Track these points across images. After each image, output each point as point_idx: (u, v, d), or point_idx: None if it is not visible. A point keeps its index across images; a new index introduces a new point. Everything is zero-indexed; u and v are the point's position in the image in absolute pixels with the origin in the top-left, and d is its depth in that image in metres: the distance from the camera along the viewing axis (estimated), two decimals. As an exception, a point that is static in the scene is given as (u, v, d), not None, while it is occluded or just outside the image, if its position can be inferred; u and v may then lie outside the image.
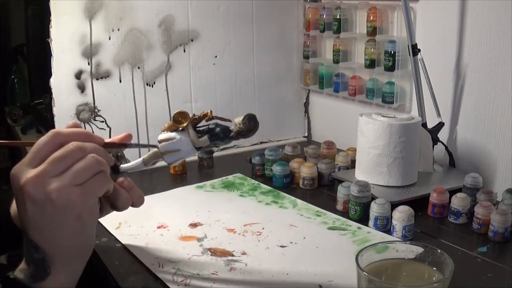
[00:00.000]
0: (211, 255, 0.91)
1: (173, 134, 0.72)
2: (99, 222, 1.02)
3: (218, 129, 0.72)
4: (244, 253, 0.92)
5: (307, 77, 1.64)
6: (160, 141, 0.73)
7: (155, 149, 0.73)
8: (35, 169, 0.59)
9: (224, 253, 0.92)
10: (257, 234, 1.00)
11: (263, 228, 1.02)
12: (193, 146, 0.72)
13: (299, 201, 1.14)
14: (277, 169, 1.24)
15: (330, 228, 1.02)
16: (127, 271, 0.87)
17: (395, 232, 0.97)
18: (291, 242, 0.96)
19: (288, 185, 1.24)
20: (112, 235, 1.00)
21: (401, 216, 0.96)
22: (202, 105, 1.51)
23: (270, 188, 1.23)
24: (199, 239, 0.98)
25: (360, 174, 1.17)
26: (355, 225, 1.02)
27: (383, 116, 1.14)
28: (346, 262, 0.87)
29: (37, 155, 0.60)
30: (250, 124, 0.73)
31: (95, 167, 0.61)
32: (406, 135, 1.11)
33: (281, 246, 0.95)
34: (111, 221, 1.05)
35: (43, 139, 0.61)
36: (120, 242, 0.97)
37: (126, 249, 0.95)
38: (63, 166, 0.59)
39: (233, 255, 0.91)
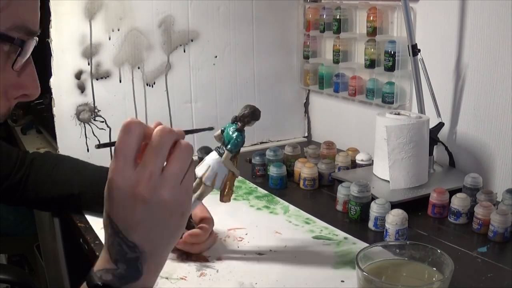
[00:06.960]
0: (186, 258, 0.91)
1: (205, 162, 0.81)
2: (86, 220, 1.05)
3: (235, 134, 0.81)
4: (219, 259, 0.91)
5: (307, 77, 1.64)
6: (200, 177, 0.80)
7: (202, 186, 0.80)
8: (140, 171, 0.57)
9: (199, 258, 0.91)
10: (239, 240, 0.98)
11: (246, 234, 1.00)
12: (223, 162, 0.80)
13: (291, 207, 1.12)
14: (273, 170, 1.24)
15: (316, 237, 0.99)
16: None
17: (388, 236, 0.95)
18: (270, 250, 0.94)
19: (284, 187, 1.24)
20: (96, 234, 1.00)
21: (394, 219, 0.94)
22: (202, 105, 1.51)
23: (266, 192, 1.21)
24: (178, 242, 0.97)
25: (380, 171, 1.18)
26: (342, 235, 0.99)
27: (395, 114, 1.16)
28: (321, 274, 0.85)
29: (129, 153, 0.57)
30: (248, 109, 0.81)
31: (189, 158, 0.60)
32: (418, 134, 1.11)
33: (259, 254, 0.93)
34: (98, 220, 1.04)
35: (125, 135, 0.57)
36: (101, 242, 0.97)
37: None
38: (162, 159, 0.58)
39: (207, 261, 0.90)
